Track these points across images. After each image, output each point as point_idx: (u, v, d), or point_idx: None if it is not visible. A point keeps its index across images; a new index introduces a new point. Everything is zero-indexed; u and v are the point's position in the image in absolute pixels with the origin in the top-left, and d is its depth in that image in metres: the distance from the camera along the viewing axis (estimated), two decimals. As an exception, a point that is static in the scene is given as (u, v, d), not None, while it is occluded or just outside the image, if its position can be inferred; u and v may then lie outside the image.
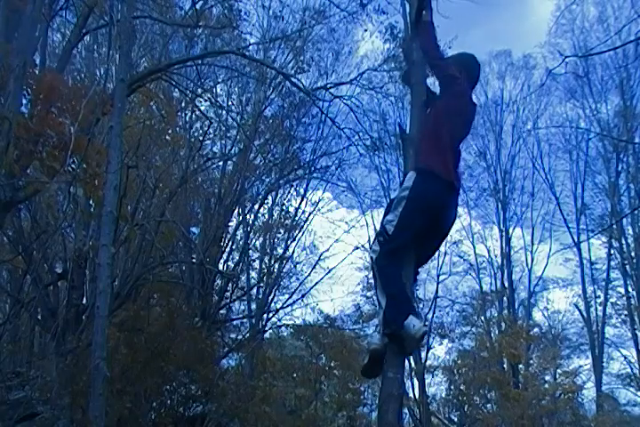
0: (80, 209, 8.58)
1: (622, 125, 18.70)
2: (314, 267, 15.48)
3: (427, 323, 3.24)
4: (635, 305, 18.27)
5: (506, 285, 19.29)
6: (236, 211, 13.51)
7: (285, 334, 17.36)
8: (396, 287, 2.99)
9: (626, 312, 18.74)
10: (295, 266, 15.54)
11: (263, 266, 14.94)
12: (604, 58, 18.49)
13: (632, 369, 18.32)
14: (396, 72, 12.74)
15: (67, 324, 8.16)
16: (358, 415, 17.13)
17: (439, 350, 18.82)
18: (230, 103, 13.51)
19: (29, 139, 5.70)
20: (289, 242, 14.88)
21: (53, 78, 6.24)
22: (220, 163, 13.43)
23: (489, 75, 20.88)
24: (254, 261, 15.00)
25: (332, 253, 16.60)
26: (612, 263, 19.25)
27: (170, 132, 10.76)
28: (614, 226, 18.40)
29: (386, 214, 3.16)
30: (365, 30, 12.27)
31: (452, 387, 17.33)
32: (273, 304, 14.56)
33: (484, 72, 20.77)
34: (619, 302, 19.04)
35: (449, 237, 18.87)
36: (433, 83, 3.63)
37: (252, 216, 14.32)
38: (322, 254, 15.71)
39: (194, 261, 11.74)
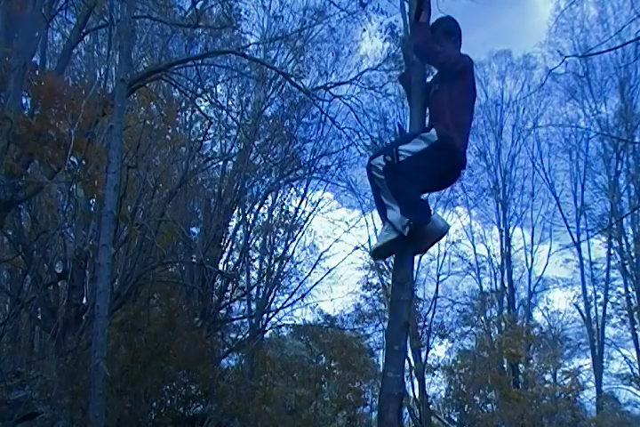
0: (80, 209, 8.57)
1: (622, 125, 18.71)
2: (314, 267, 15.51)
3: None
4: (635, 305, 18.27)
5: (506, 285, 19.29)
6: (236, 211, 13.52)
7: (285, 334, 17.40)
8: (412, 191, 3.23)
9: (626, 312, 18.74)
10: (295, 266, 15.56)
11: (263, 266, 14.94)
12: (604, 58, 18.53)
13: (632, 369, 18.34)
14: (395, 72, 12.74)
15: (67, 324, 8.16)
16: (358, 415, 17.12)
17: (439, 350, 18.83)
18: (230, 103, 13.54)
19: (30, 138, 5.70)
20: (289, 242, 14.90)
21: (53, 79, 6.24)
22: (220, 163, 13.43)
23: (489, 75, 20.92)
24: (254, 261, 15.01)
25: (332, 253, 16.63)
26: (612, 263, 19.28)
27: (170, 132, 10.75)
28: (614, 226, 18.41)
29: (401, 141, 3.35)
30: (364, 30, 12.27)
31: (452, 387, 17.32)
32: (273, 304, 14.58)
33: (484, 72, 20.80)
34: (619, 302, 19.06)
35: (449, 238, 18.98)
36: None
37: (252, 216, 14.32)
38: (322, 254, 15.74)
39: (194, 261, 11.74)
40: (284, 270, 15.00)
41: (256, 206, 14.27)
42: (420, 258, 17.44)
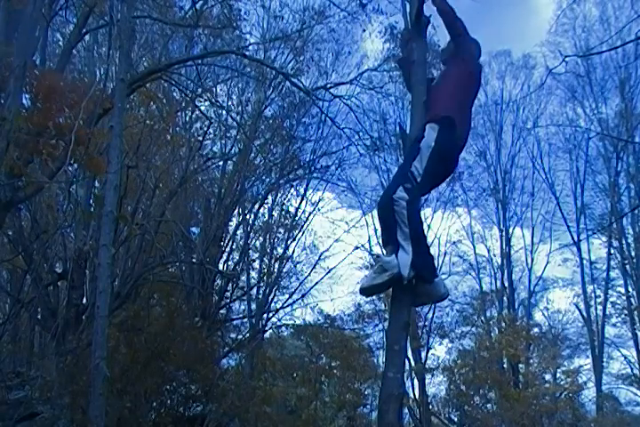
0: (80, 209, 8.57)
1: (622, 125, 18.70)
2: (314, 267, 15.50)
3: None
4: (635, 305, 18.27)
5: (506, 284, 19.29)
6: (236, 211, 13.51)
7: (285, 334, 17.36)
8: (423, 236, 3.21)
9: (626, 312, 18.74)
10: (295, 266, 15.56)
11: (263, 266, 14.94)
12: (605, 58, 18.54)
13: (632, 369, 18.33)
14: (396, 72, 12.73)
15: (67, 324, 8.16)
16: (358, 415, 17.11)
17: (439, 350, 18.77)
18: (230, 103, 13.52)
19: (30, 133, 5.69)
20: (289, 242, 14.90)
21: (53, 77, 6.24)
22: (220, 163, 13.43)
23: (489, 75, 20.90)
24: (254, 261, 14.99)
25: (332, 253, 16.55)
26: (612, 263, 19.29)
27: (170, 132, 10.75)
28: (614, 225, 18.40)
29: (409, 160, 3.30)
30: (364, 30, 12.25)
31: (452, 387, 17.31)
32: (273, 304, 14.58)
33: (484, 72, 20.76)
34: (619, 302, 19.06)
35: (449, 237, 18.99)
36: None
37: (252, 216, 14.31)
38: (322, 254, 15.73)
39: (194, 261, 11.73)
40: (284, 270, 15.01)
41: (256, 206, 14.27)
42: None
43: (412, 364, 17.03)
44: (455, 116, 3.36)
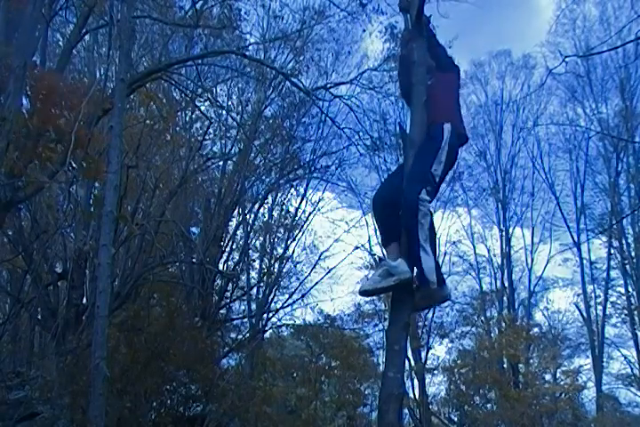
0: (80, 209, 8.57)
1: (622, 125, 18.70)
2: (314, 267, 15.50)
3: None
4: (635, 305, 18.27)
5: (506, 284, 19.29)
6: (236, 211, 13.52)
7: (285, 334, 17.38)
8: (435, 244, 3.25)
9: (626, 312, 18.74)
10: (295, 266, 15.56)
11: (263, 266, 14.95)
12: (605, 58, 18.54)
13: (632, 369, 18.32)
14: (395, 72, 12.71)
15: (67, 324, 8.16)
16: (358, 415, 17.12)
17: (439, 350, 18.79)
18: (230, 103, 13.52)
19: (29, 136, 5.69)
20: (289, 242, 14.90)
21: (53, 77, 6.24)
22: (220, 163, 13.43)
23: (489, 75, 20.92)
24: (254, 261, 15.00)
25: (332, 253, 16.54)
26: (612, 263, 19.28)
27: (170, 132, 10.75)
28: (614, 226, 18.40)
29: (429, 160, 3.29)
30: (364, 30, 12.26)
31: (452, 387, 17.32)
32: (273, 304, 14.58)
33: (484, 72, 20.82)
34: (619, 302, 19.06)
35: (449, 237, 18.99)
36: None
37: (252, 216, 14.32)
38: (322, 254, 15.72)
39: (194, 261, 11.74)
40: (284, 270, 15.01)
41: (256, 206, 14.28)
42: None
43: (412, 364, 17.02)
44: (460, 123, 3.47)
